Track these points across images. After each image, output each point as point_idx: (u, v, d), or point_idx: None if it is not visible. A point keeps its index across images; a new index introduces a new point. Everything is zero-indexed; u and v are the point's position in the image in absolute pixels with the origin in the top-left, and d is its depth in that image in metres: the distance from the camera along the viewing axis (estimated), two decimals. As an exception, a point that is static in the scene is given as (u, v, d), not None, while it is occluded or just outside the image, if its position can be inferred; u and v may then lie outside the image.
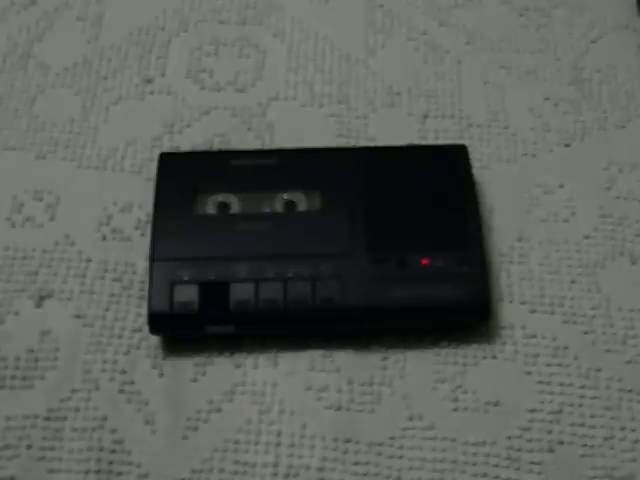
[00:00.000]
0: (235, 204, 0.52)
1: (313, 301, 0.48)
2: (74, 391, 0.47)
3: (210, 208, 0.51)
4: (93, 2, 0.64)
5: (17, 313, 0.50)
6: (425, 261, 0.49)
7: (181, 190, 0.52)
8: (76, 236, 0.53)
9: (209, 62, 0.62)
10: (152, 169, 0.54)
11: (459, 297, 0.48)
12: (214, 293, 0.48)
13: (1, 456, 0.45)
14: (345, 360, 0.49)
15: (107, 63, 0.61)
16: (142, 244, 0.52)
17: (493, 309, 0.50)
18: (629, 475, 0.46)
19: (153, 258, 0.49)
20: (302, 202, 0.52)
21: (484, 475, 0.46)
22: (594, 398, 0.48)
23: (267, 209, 0.51)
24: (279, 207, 0.51)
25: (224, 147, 0.57)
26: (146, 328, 0.48)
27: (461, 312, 0.49)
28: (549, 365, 0.49)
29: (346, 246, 0.50)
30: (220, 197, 0.52)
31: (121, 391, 0.48)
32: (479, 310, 0.49)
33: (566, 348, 0.50)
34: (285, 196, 0.52)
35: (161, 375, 0.48)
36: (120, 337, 0.49)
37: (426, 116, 0.59)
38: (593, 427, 0.47)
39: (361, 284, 0.48)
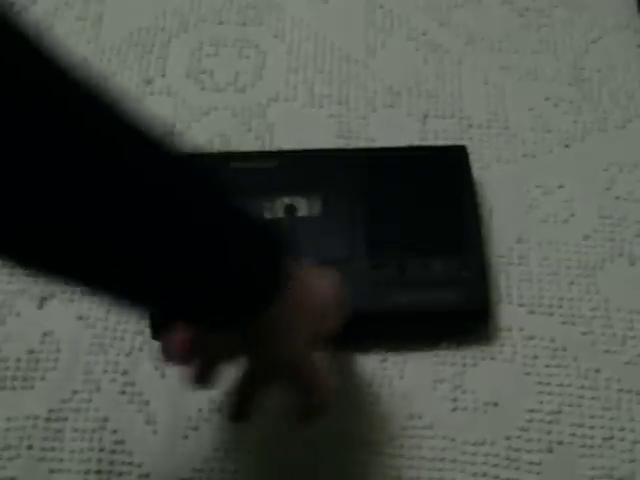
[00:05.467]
0: (235, 207, 0.51)
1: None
2: (75, 392, 0.48)
3: (210, 210, 0.51)
4: (93, 2, 0.64)
5: (18, 314, 0.50)
6: (425, 266, 0.49)
7: (181, 191, 0.52)
8: (77, 237, 0.53)
9: (209, 62, 0.62)
10: (152, 170, 0.54)
11: (459, 302, 0.48)
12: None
13: (2, 456, 0.46)
14: (345, 361, 0.49)
15: (107, 63, 0.61)
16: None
17: (492, 311, 0.50)
18: (629, 475, 0.46)
19: (154, 259, 0.49)
20: (302, 206, 0.51)
21: (483, 475, 0.46)
22: (593, 398, 0.48)
23: (268, 214, 0.51)
24: (280, 212, 0.51)
25: (224, 148, 0.57)
26: (148, 330, 0.48)
27: (461, 317, 0.49)
28: (548, 366, 0.49)
29: (346, 252, 0.50)
30: (220, 199, 0.52)
31: (122, 392, 0.48)
32: (479, 315, 0.49)
33: (565, 349, 0.50)
34: (285, 200, 0.52)
35: (163, 376, 0.48)
36: (122, 339, 0.49)
37: (426, 116, 0.59)
38: (592, 427, 0.47)
39: (362, 290, 0.48)
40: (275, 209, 0.51)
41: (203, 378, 0.40)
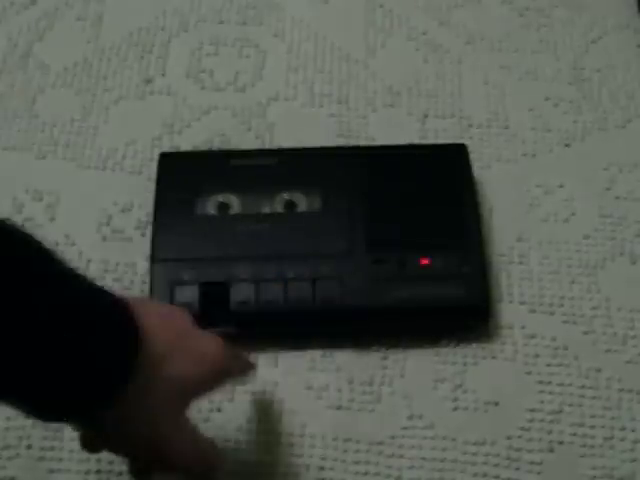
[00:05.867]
0: (235, 204, 0.52)
1: (313, 301, 0.48)
2: (74, 391, 0.47)
3: (210, 208, 0.51)
4: (93, 2, 0.64)
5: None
6: (425, 261, 0.49)
7: (181, 190, 0.52)
8: (76, 236, 0.53)
9: (209, 62, 0.62)
10: (152, 169, 0.54)
11: (459, 297, 0.48)
12: (215, 294, 0.48)
13: (1, 456, 0.45)
14: (345, 360, 0.49)
15: (107, 63, 0.61)
16: (142, 244, 0.52)
17: (493, 309, 0.50)
18: (629, 475, 0.46)
19: (154, 259, 0.49)
20: (302, 202, 0.52)
21: (484, 475, 0.46)
22: (594, 398, 0.48)
23: (267, 209, 0.51)
24: (279, 207, 0.51)
25: (224, 147, 0.57)
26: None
27: (461, 312, 0.49)
28: (549, 365, 0.49)
29: (346, 246, 0.50)
30: (220, 197, 0.52)
31: (121, 391, 0.48)
32: (479, 310, 0.49)
33: (566, 348, 0.50)
34: (285, 196, 0.52)
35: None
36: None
37: (426, 116, 0.59)
38: (593, 427, 0.47)
39: (361, 285, 0.48)
40: (275, 205, 0.51)
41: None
